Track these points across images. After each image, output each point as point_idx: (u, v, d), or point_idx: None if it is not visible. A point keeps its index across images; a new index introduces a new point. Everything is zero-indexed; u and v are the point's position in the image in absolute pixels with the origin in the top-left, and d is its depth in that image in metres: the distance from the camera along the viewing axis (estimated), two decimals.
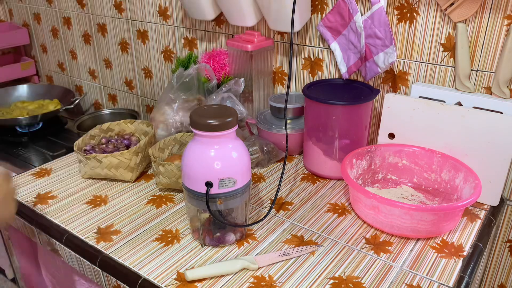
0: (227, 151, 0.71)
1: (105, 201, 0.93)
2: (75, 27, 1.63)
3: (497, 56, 0.86)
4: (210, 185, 0.71)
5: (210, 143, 0.71)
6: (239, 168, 0.72)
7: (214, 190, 0.71)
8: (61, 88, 1.71)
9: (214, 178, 0.71)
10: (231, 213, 0.78)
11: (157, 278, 0.71)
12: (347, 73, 1.02)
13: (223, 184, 0.71)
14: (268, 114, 1.14)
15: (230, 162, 0.71)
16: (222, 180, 0.71)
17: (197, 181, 0.71)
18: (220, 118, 0.70)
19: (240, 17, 1.10)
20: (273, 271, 0.72)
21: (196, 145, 0.72)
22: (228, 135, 0.71)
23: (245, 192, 0.75)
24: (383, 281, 0.70)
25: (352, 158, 0.90)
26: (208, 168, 0.71)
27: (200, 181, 0.71)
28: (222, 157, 0.71)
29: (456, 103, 0.90)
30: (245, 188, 0.74)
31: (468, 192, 0.81)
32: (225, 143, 0.71)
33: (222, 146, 0.71)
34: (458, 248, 0.77)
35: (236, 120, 0.71)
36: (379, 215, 0.79)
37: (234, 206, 0.75)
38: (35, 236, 0.91)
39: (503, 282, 1.02)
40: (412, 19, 0.92)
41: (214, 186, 0.71)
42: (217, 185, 0.71)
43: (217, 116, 0.70)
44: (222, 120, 0.69)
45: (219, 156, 0.71)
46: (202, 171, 0.71)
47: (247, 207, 0.79)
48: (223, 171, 0.71)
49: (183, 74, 1.12)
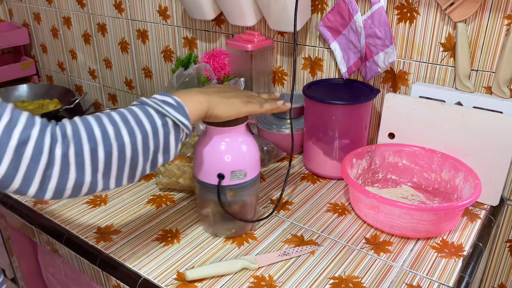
0: (238, 144, 0.74)
1: (105, 201, 0.93)
2: (75, 27, 1.63)
3: (497, 56, 0.86)
4: (222, 177, 0.73)
5: (221, 137, 0.74)
6: (249, 161, 0.75)
7: (225, 182, 0.74)
8: (61, 88, 1.71)
9: (226, 171, 0.73)
10: (243, 207, 0.79)
11: (157, 278, 0.71)
12: (347, 73, 1.02)
13: (235, 176, 0.74)
14: (268, 114, 1.14)
15: (241, 154, 0.74)
16: (233, 172, 0.73)
17: (209, 173, 0.74)
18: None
19: (240, 17, 1.10)
20: (273, 271, 0.72)
21: (208, 139, 0.74)
22: (239, 129, 0.74)
23: (254, 185, 0.78)
24: (383, 281, 0.70)
25: (352, 158, 0.90)
26: (220, 160, 0.74)
27: (213, 173, 0.74)
28: (233, 150, 0.74)
29: (456, 103, 0.90)
30: (255, 181, 0.77)
31: (468, 192, 0.81)
32: (236, 136, 0.74)
33: (233, 140, 0.74)
34: (458, 248, 0.77)
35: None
36: (379, 215, 0.79)
37: (244, 198, 0.78)
38: (35, 236, 0.92)
39: (503, 282, 1.02)
40: (412, 19, 0.92)
41: (225, 178, 0.73)
42: (228, 177, 0.73)
43: None
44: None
45: (230, 149, 0.74)
46: (214, 164, 0.74)
47: (257, 201, 0.82)
48: (234, 163, 0.73)
49: (183, 74, 1.12)
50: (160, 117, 0.61)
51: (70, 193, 0.56)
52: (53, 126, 0.55)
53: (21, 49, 1.88)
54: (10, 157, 0.50)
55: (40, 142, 0.52)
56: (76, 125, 0.57)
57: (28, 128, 0.51)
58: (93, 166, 0.56)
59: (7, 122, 0.50)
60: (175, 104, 0.63)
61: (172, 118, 0.62)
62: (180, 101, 0.63)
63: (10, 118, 0.50)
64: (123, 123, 0.59)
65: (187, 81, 1.11)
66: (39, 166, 0.52)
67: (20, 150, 0.51)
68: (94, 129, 0.57)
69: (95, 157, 0.56)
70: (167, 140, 0.62)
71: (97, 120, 0.58)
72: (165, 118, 0.62)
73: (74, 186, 0.56)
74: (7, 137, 0.50)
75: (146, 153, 0.60)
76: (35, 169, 0.52)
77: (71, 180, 0.55)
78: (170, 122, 0.62)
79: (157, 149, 0.62)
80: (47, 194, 0.55)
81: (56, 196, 0.56)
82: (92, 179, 0.57)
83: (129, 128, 0.59)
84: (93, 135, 0.56)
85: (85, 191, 0.58)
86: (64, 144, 0.54)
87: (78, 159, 0.55)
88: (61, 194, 0.56)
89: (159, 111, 0.62)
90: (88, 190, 0.58)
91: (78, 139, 0.55)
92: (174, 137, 0.63)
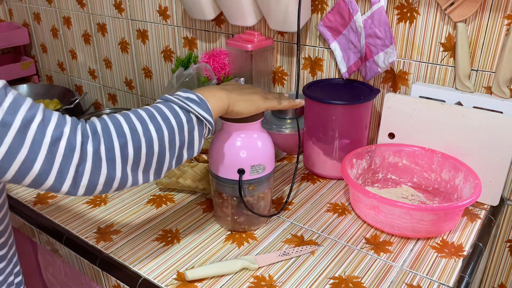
0: (255, 140, 0.76)
1: (105, 201, 0.93)
2: (75, 27, 1.63)
3: (497, 55, 0.86)
4: (242, 172, 0.75)
5: (239, 132, 0.75)
6: (267, 155, 0.77)
7: (245, 176, 0.75)
8: (61, 88, 1.71)
9: (245, 165, 0.75)
10: (259, 201, 0.80)
11: (157, 278, 0.71)
12: (347, 73, 1.02)
13: (254, 170, 0.76)
14: (268, 114, 1.14)
15: (259, 149, 0.77)
16: (253, 167, 0.75)
17: (228, 168, 0.76)
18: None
19: (240, 17, 1.10)
20: (273, 271, 0.72)
21: (225, 135, 0.76)
22: (256, 125, 0.76)
23: (270, 179, 0.80)
24: (383, 281, 0.70)
25: (352, 158, 0.90)
26: (239, 156, 0.75)
27: (232, 168, 0.75)
28: (251, 145, 0.76)
29: (456, 103, 0.90)
30: (271, 174, 0.80)
31: (468, 192, 0.81)
32: (252, 132, 0.76)
33: (250, 135, 0.76)
34: (458, 248, 0.77)
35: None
36: (379, 215, 0.79)
37: (262, 191, 0.79)
38: (35, 236, 0.92)
39: (503, 282, 1.02)
40: (412, 19, 0.92)
41: (246, 173, 0.75)
42: (248, 171, 0.75)
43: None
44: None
45: (249, 144, 0.76)
46: (233, 159, 0.75)
47: (271, 196, 0.84)
48: (253, 158, 0.75)
49: (183, 74, 1.12)
50: (185, 113, 0.63)
51: (101, 189, 0.58)
52: (83, 124, 0.56)
53: (21, 49, 1.88)
54: (44, 154, 0.52)
55: (72, 139, 0.53)
56: (105, 122, 0.58)
57: (60, 126, 0.53)
58: (123, 161, 0.58)
59: (40, 120, 0.52)
60: (198, 100, 0.64)
61: (196, 114, 0.63)
62: (202, 98, 0.65)
63: (42, 117, 0.52)
64: (150, 119, 0.60)
65: (187, 81, 1.11)
66: (72, 162, 0.53)
67: (54, 147, 0.52)
68: (123, 125, 0.58)
69: (125, 152, 0.58)
70: (192, 135, 0.64)
71: (125, 117, 0.60)
72: (189, 114, 0.63)
73: (105, 182, 0.57)
74: (41, 135, 0.51)
75: (172, 148, 0.62)
76: (68, 165, 0.53)
77: (102, 176, 0.56)
78: (194, 118, 0.64)
79: (182, 144, 0.63)
80: (80, 190, 0.56)
81: (88, 192, 0.57)
82: (122, 174, 0.58)
83: (156, 124, 0.60)
84: (122, 131, 0.58)
85: (116, 186, 0.59)
86: (95, 140, 0.56)
87: (109, 154, 0.56)
88: (93, 190, 0.57)
89: (183, 108, 0.63)
90: (118, 186, 0.59)
91: (108, 135, 0.57)
92: (198, 132, 0.65)
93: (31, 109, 0.51)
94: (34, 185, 0.54)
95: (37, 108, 0.52)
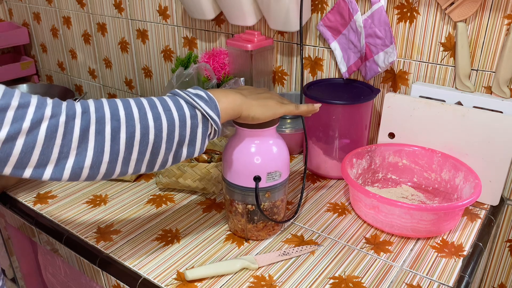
0: (270, 146, 0.74)
1: (105, 201, 0.93)
2: (75, 27, 1.63)
3: (497, 55, 0.86)
4: (258, 179, 0.73)
5: (253, 139, 0.73)
6: (282, 161, 0.76)
7: (262, 183, 0.74)
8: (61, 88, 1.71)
9: (262, 172, 0.73)
10: (274, 208, 0.79)
11: (157, 277, 0.71)
12: (347, 73, 1.02)
13: (271, 178, 0.74)
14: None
15: (275, 155, 0.74)
16: (269, 174, 0.74)
17: (244, 176, 0.74)
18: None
19: (240, 17, 1.10)
20: (273, 271, 0.72)
21: (239, 141, 0.74)
22: (271, 130, 0.74)
23: (285, 185, 0.79)
24: (383, 280, 0.70)
25: (352, 157, 0.90)
26: (255, 163, 0.73)
27: (248, 175, 0.73)
28: (267, 152, 0.74)
29: (456, 103, 0.90)
30: (286, 181, 0.78)
31: (468, 192, 0.81)
32: (268, 138, 0.74)
33: (265, 141, 0.74)
34: (458, 248, 0.77)
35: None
36: (379, 214, 0.79)
37: (278, 198, 0.78)
38: (35, 236, 0.92)
39: (503, 282, 1.02)
40: (412, 18, 0.92)
41: (262, 180, 0.73)
42: (265, 178, 0.73)
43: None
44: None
45: (264, 151, 0.73)
46: (249, 166, 0.73)
47: (286, 202, 0.82)
48: (270, 165, 0.74)
49: (183, 74, 1.12)
50: (190, 109, 0.61)
51: (88, 173, 0.55)
52: (69, 103, 0.55)
53: (21, 48, 1.88)
54: (23, 138, 0.50)
55: (54, 120, 0.52)
56: (101, 103, 0.57)
57: (40, 108, 0.51)
58: (113, 146, 0.56)
59: (16, 107, 0.50)
60: (207, 98, 0.63)
61: (202, 111, 0.61)
62: (212, 97, 0.63)
63: (18, 103, 0.50)
64: (150, 107, 0.59)
65: (187, 81, 1.10)
66: (55, 143, 0.52)
67: (35, 130, 0.51)
68: (119, 109, 0.57)
69: (117, 137, 0.56)
70: (194, 133, 0.62)
71: (124, 101, 0.58)
72: (195, 110, 0.62)
73: (91, 165, 0.55)
74: (21, 120, 0.50)
75: (170, 141, 0.60)
76: (51, 147, 0.52)
77: (88, 158, 0.54)
78: (199, 115, 0.62)
79: (182, 140, 0.61)
80: (65, 174, 0.54)
81: (73, 176, 0.55)
82: (110, 159, 0.56)
83: (155, 113, 0.58)
84: (117, 114, 0.56)
85: (103, 172, 0.57)
86: (83, 120, 0.54)
87: (99, 136, 0.54)
88: (79, 174, 0.55)
89: (189, 102, 0.61)
90: (106, 172, 0.57)
91: (101, 116, 0.55)
92: (202, 131, 0.63)
93: (4, 96, 0.49)
94: (16, 172, 0.52)
95: (12, 94, 0.50)
